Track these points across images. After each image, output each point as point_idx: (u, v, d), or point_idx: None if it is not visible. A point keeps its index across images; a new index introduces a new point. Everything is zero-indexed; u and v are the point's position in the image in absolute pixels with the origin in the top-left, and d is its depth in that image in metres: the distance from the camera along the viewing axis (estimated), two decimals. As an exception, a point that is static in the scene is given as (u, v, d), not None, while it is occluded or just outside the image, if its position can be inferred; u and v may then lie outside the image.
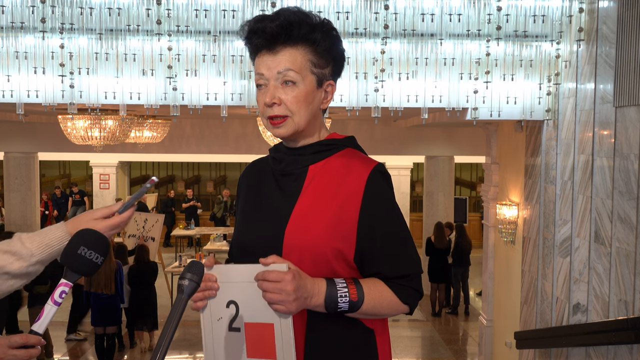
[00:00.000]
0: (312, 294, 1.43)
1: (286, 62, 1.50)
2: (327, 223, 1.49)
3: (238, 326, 1.48)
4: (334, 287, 1.46)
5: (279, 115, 1.51)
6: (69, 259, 1.48)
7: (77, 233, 1.51)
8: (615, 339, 3.59)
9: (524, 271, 5.16)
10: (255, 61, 1.55)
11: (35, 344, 1.44)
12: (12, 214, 10.99)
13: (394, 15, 4.19)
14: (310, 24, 1.51)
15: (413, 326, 9.04)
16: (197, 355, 7.60)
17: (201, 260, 1.44)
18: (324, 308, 1.46)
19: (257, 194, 1.63)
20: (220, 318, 1.49)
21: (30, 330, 1.44)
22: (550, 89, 4.40)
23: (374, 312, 1.51)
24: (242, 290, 1.46)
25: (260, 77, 1.53)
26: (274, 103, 1.51)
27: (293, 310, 1.40)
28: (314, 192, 1.53)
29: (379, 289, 1.51)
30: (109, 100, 4.27)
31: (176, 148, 11.22)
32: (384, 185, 1.55)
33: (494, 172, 6.17)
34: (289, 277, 1.38)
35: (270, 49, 1.51)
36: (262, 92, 1.54)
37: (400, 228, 1.56)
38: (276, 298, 1.39)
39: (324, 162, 1.57)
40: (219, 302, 1.49)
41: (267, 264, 1.41)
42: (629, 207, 3.63)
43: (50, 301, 1.45)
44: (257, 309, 1.45)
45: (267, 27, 1.48)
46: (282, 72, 1.50)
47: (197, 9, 4.16)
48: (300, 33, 1.49)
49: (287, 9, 1.51)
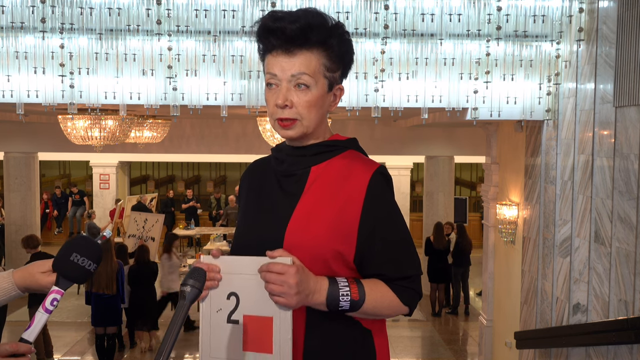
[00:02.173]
0: (314, 291, 1.44)
1: (301, 66, 1.48)
2: (328, 224, 1.50)
3: (237, 319, 1.48)
4: (336, 286, 1.47)
5: (289, 118, 1.51)
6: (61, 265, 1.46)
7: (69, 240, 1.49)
8: (615, 339, 3.59)
9: (524, 271, 5.16)
10: (268, 59, 1.53)
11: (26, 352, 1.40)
12: (12, 214, 10.99)
13: (394, 15, 4.19)
14: (327, 29, 1.50)
15: (413, 326, 9.04)
16: (196, 356, 7.60)
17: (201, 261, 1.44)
18: (325, 306, 1.46)
19: (259, 194, 1.63)
20: (220, 309, 1.50)
21: (21, 339, 1.41)
22: (550, 89, 4.40)
23: (374, 312, 1.51)
24: (244, 282, 1.47)
25: (272, 76, 1.52)
26: (286, 105, 1.50)
27: (293, 304, 1.41)
28: (316, 193, 1.54)
29: (380, 289, 1.52)
30: (109, 100, 4.27)
31: (176, 148, 11.22)
32: (386, 187, 1.55)
33: (494, 172, 6.17)
34: (293, 271, 1.40)
35: (286, 50, 1.49)
36: (272, 92, 1.52)
37: (401, 230, 1.56)
38: (278, 290, 1.40)
39: (326, 163, 1.57)
40: (220, 293, 1.49)
41: (273, 257, 1.42)
42: (629, 207, 3.63)
43: (41, 309, 1.43)
44: (257, 302, 1.45)
45: (287, 29, 1.46)
46: (296, 75, 1.49)
47: (197, 9, 4.16)
48: (319, 38, 1.49)
49: (307, 10, 1.49)
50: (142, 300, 7.54)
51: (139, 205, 12.26)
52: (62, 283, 1.46)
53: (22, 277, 1.56)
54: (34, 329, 1.42)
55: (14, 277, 1.57)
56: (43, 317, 1.43)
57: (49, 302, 1.43)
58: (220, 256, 1.48)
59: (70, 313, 9.29)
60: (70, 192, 15.55)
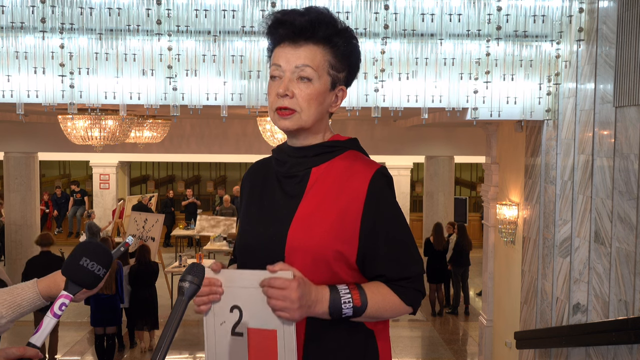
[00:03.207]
0: (316, 302, 1.44)
1: (305, 58, 1.51)
2: (329, 225, 1.49)
3: (241, 331, 1.48)
4: (337, 294, 1.47)
5: (288, 108, 1.52)
6: (70, 270, 1.45)
7: (79, 244, 1.49)
8: (615, 339, 3.59)
9: (524, 271, 5.16)
10: (275, 52, 1.55)
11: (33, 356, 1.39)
12: (12, 214, 10.99)
13: (394, 15, 4.19)
14: (335, 27, 1.53)
15: (413, 326, 9.04)
16: (197, 355, 7.60)
17: (201, 261, 1.44)
18: (328, 315, 1.47)
19: (260, 195, 1.63)
20: (224, 322, 1.49)
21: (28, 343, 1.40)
22: (550, 89, 4.40)
23: (377, 315, 1.51)
24: (246, 295, 1.46)
25: (276, 67, 1.53)
26: (286, 95, 1.51)
27: (296, 317, 1.41)
28: (317, 195, 1.53)
29: (381, 292, 1.52)
30: (109, 100, 4.27)
31: (176, 148, 11.22)
32: (387, 188, 1.55)
33: (494, 172, 6.17)
34: (294, 285, 1.39)
35: (293, 42, 1.51)
36: (275, 83, 1.54)
37: (403, 230, 1.56)
38: (280, 305, 1.40)
39: (326, 164, 1.57)
40: (223, 306, 1.49)
41: (274, 272, 1.41)
42: (629, 207, 3.63)
43: (50, 313, 1.42)
44: (260, 315, 1.45)
45: (296, 20, 1.50)
46: (300, 67, 1.51)
47: (197, 9, 4.16)
48: (326, 33, 1.51)
49: (316, 8, 1.53)
50: (142, 300, 7.54)
51: (139, 205, 12.26)
52: (71, 288, 1.45)
53: (47, 286, 1.56)
54: (42, 333, 1.41)
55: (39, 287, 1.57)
56: (51, 322, 1.42)
57: (58, 307, 1.42)
58: (220, 270, 1.48)
59: (69, 313, 9.28)
60: (72, 191, 15.53)
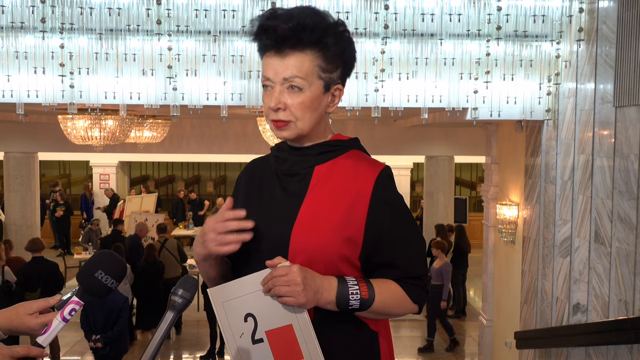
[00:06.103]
0: (322, 289, 1.44)
1: (293, 69, 1.45)
2: (334, 225, 1.48)
3: (260, 337, 1.48)
4: (345, 285, 1.46)
5: (283, 120, 1.50)
6: (85, 280, 1.46)
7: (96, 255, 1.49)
8: (615, 339, 3.58)
9: (524, 271, 5.16)
10: (263, 61, 1.52)
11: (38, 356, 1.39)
12: (12, 214, 11.00)
13: (394, 15, 4.19)
14: (322, 28, 1.45)
15: (413, 326, 9.03)
16: (197, 355, 7.61)
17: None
18: (335, 305, 1.46)
19: (259, 193, 1.61)
20: (242, 334, 1.50)
21: (34, 342, 1.41)
22: (550, 89, 4.40)
23: (384, 310, 1.50)
24: (253, 300, 1.47)
25: (266, 79, 1.50)
26: (279, 108, 1.49)
27: (303, 301, 1.41)
28: (321, 194, 1.52)
29: (389, 287, 1.51)
30: (109, 100, 4.27)
31: (176, 148, 11.22)
32: (392, 187, 1.54)
33: (494, 172, 6.17)
34: (295, 269, 1.41)
35: (279, 51, 1.46)
36: (267, 94, 1.51)
37: (410, 230, 1.56)
38: (285, 290, 1.40)
39: (330, 163, 1.55)
40: (237, 318, 1.49)
41: (273, 265, 1.43)
42: (629, 207, 3.63)
43: (59, 317, 1.43)
44: (272, 314, 1.45)
45: (278, 28, 1.43)
46: (289, 78, 1.46)
47: (197, 9, 4.16)
48: (311, 38, 1.44)
49: (303, 10, 1.46)
50: (149, 299, 7.60)
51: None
52: (84, 296, 1.47)
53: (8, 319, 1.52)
54: (50, 335, 1.42)
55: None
56: (60, 325, 1.43)
57: (67, 312, 1.44)
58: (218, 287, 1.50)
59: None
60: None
